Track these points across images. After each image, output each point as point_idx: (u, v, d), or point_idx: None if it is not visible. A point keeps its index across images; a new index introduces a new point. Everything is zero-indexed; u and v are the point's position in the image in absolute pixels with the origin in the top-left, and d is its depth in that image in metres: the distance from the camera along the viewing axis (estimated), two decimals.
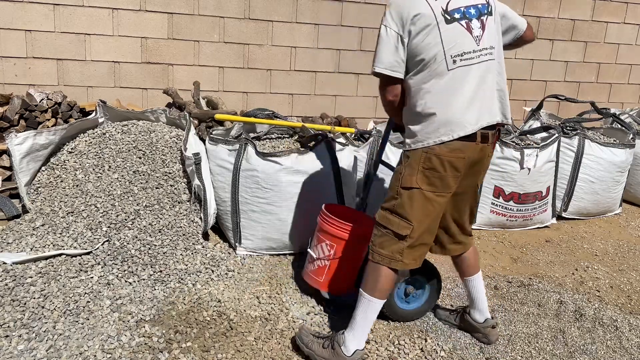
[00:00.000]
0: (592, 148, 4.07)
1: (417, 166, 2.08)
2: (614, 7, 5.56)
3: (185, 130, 3.32)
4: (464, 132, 2.04)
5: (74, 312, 2.42)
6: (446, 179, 2.08)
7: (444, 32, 2.03)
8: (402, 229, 2.11)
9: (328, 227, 2.57)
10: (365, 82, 4.93)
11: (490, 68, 2.11)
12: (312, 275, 2.66)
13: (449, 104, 2.04)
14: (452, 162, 2.06)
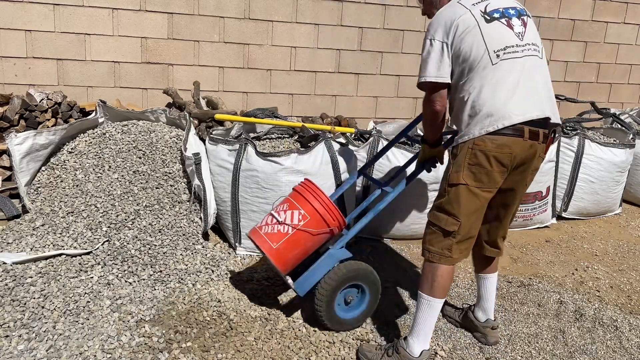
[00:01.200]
0: (592, 148, 4.07)
1: (463, 162, 2.10)
2: (614, 7, 5.56)
3: (185, 130, 3.32)
4: (510, 121, 2.03)
5: (74, 312, 2.42)
6: (492, 174, 2.09)
7: (484, 30, 2.08)
8: (449, 225, 2.15)
9: (310, 195, 2.47)
10: (365, 82, 4.93)
11: (537, 64, 2.12)
12: (265, 237, 2.48)
13: (493, 95, 2.05)
14: (498, 158, 2.06)
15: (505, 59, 2.07)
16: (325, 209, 2.46)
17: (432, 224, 2.21)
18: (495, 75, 2.06)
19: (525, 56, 2.09)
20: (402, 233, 3.54)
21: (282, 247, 2.44)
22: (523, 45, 2.10)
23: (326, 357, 2.34)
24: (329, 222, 2.46)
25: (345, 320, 2.49)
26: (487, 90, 2.06)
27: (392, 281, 3.03)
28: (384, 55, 4.92)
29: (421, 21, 4.95)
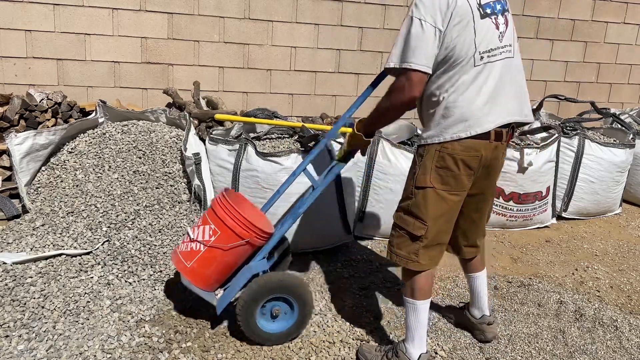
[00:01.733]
0: (592, 148, 4.07)
1: (431, 165, 2.04)
2: (614, 7, 5.56)
3: (185, 130, 3.32)
4: (482, 129, 1.99)
5: (74, 312, 2.42)
6: (460, 178, 2.04)
7: (477, 27, 1.97)
8: (416, 229, 2.09)
9: (222, 211, 2.31)
10: (365, 82, 4.93)
11: (509, 65, 2.06)
12: (180, 257, 2.36)
13: (471, 101, 1.98)
14: (466, 161, 2.02)
15: (487, 62, 1.99)
16: (233, 220, 2.28)
17: (399, 226, 2.15)
18: (475, 78, 1.98)
19: (502, 59, 2.02)
20: None
21: (195, 266, 2.31)
22: (502, 47, 2.03)
23: (326, 357, 2.34)
24: (241, 234, 2.29)
25: (272, 334, 2.34)
26: (465, 94, 1.98)
27: (392, 281, 3.03)
28: (384, 55, 4.92)
29: None
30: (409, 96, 1.93)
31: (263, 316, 2.33)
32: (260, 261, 2.34)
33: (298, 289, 2.32)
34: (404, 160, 3.39)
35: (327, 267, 3.13)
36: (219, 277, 2.39)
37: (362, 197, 3.45)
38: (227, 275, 2.40)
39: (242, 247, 2.32)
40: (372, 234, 3.55)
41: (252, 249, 2.36)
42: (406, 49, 1.92)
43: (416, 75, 1.91)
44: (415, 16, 1.91)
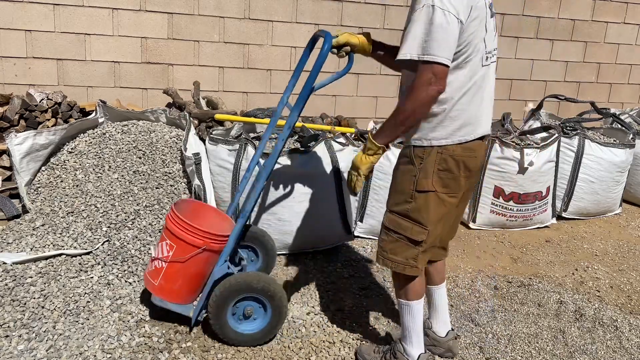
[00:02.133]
0: (592, 148, 4.07)
1: (432, 168, 1.96)
2: (614, 7, 5.56)
3: (185, 130, 3.32)
4: (482, 131, 2.00)
5: (74, 312, 2.42)
6: (459, 180, 2.00)
7: (488, 26, 1.92)
8: (417, 234, 2.01)
9: (170, 223, 2.28)
10: (365, 82, 4.93)
11: (492, 71, 2.05)
12: (148, 277, 2.36)
13: (479, 103, 1.96)
14: (466, 162, 1.98)
15: (486, 65, 1.95)
16: (183, 231, 2.24)
17: (394, 231, 2.05)
18: (482, 78, 1.94)
19: (494, 62, 2.02)
20: None
21: (163, 283, 2.30)
22: (493, 50, 2.00)
23: (326, 357, 2.34)
24: (194, 243, 2.24)
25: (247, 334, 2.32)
26: (476, 95, 1.94)
27: (392, 281, 3.03)
28: None
29: None
30: (437, 89, 1.82)
31: (235, 318, 2.31)
32: (222, 266, 2.29)
33: (267, 288, 2.27)
34: None
35: (327, 267, 3.13)
36: (191, 289, 2.37)
37: (362, 197, 3.45)
38: (200, 284, 2.38)
39: (202, 255, 2.28)
40: (372, 234, 3.55)
41: (217, 254, 2.31)
42: (429, 39, 1.78)
43: (440, 68, 1.80)
44: (438, 5, 1.77)
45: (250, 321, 2.34)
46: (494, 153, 3.70)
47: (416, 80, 1.82)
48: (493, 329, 2.65)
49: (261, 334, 2.34)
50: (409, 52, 1.82)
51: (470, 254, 3.48)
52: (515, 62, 5.40)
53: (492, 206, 3.80)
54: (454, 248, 3.54)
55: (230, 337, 2.31)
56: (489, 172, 3.73)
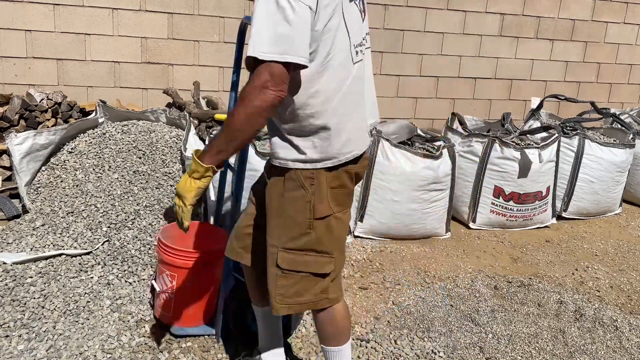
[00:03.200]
0: (592, 148, 4.07)
1: (326, 188, 1.64)
2: (614, 7, 5.56)
3: (185, 130, 3.33)
4: (370, 139, 1.76)
5: (74, 312, 2.42)
6: (352, 194, 1.75)
7: (346, 12, 1.56)
8: (323, 266, 1.69)
9: (164, 255, 2.27)
10: None
11: (368, 60, 1.76)
12: (160, 310, 2.36)
13: (357, 109, 1.65)
14: (359, 173, 1.73)
15: (360, 60, 1.64)
16: (176, 258, 2.24)
17: (295, 271, 1.68)
18: (357, 81, 1.62)
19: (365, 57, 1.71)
20: (402, 233, 3.54)
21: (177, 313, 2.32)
22: (365, 41, 1.70)
23: None
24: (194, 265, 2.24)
25: None
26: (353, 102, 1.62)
27: (393, 281, 3.03)
28: (384, 55, 4.92)
29: (421, 21, 4.95)
30: (276, 95, 1.43)
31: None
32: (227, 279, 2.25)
33: None
34: (404, 160, 3.39)
35: None
36: (205, 307, 2.38)
37: (362, 197, 3.45)
38: (213, 299, 2.38)
39: (205, 273, 2.29)
40: (372, 234, 3.55)
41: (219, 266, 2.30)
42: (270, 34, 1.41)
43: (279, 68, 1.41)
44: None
45: None
46: (494, 153, 3.70)
47: (248, 84, 1.45)
48: (493, 329, 2.65)
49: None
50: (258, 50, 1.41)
51: (470, 254, 3.49)
52: (515, 62, 5.40)
53: (492, 206, 3.80)
54: (454, 248, 3.54)
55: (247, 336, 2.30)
56: (489, 172, 3.73)
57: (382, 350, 2.41)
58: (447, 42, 5.10)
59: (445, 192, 3.55)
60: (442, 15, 5.00)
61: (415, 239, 3.60)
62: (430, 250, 3.48)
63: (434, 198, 3.49)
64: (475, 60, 5.26)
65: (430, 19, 4.97)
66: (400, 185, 3.39)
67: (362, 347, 2.42)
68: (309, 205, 1.63)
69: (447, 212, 3.63)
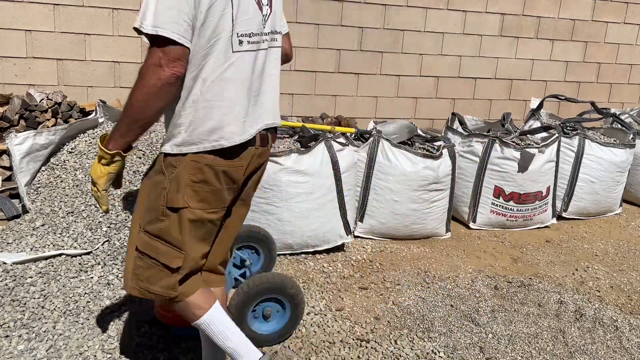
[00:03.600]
0: (592, 148, 4.07)
1: (185, 179, 1.59)
2: (614, 7, 5.56)
3: None
4: (247, 135, 1.64)
5: (74, 312, 2.42)
6: (221, 193, 1.66)
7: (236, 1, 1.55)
8: (172, 260, 1.65)
9: None
10: (365, 82, 4.93)
11: (271, 58, 1.72)
12: (160, 311, 2.30)
13: (233, 100, 1.60)
14: (229, 173, 1.64)
15: (248, 50, 1.59)
16: None
17: (146, 254, 1.65)
18: (237, 71, 1.58)
19: (265, 49, 1.67)
20: (402, 233, 3.54)
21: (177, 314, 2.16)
22: (266, 34, 1.66)
23: (326, 357, 2.33)
24: None
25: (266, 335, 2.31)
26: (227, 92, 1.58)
27: (393, 281, 3.03)
28: (384, 55, 4.92)
29: (421, 21, 4.96)
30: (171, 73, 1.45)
31: (255, 319, 2.31)
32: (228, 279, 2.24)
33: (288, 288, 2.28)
34: (404, 160, 3.39)
35: (327, 267, 3.13)
36: None
37: (362, 197, 3.45)
38: None
39: None
40: (372, 234, 3.55)
41: None
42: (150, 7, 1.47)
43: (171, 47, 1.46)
44: None
45: (267, 321, 2.34)
46: (494, 153, 3.70)
47: (144, 62, 1.47)
48: (493, 329, 2.65)
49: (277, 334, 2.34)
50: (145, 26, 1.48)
51: (470, 254, 3.48)
52: (515, 62, 5.40)
53: (492, 206, 3.80)
54: (454, 248, 3.54)
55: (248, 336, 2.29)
56: (489, 172, 3.73)
57: (382, 350, 2.40)
58: (447, 42, 5.10)
59: (446, 192, 3.55)
60: (442, 15, 5.00)
61: (415, 239, 3.60)
62: (430, 250, 3.48)
63: (434, 198, 3.49)
64: (475, 60, 5.26)
65: (430, 19, 4.97)
66: (400, 185, 3.39)
67: (362, 347, 2.42)
68: (164, 192, 1.61)
69: (447, 212, 3.63)
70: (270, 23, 1.69)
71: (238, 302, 2.22)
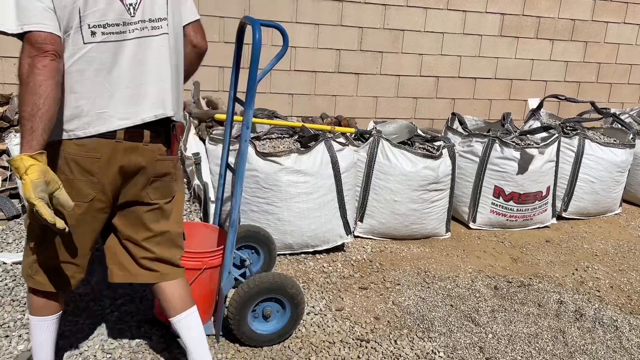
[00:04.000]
0: (592, 148, 4.07)
1: None
2: (614, 7, 5.56)
3: (185, 130, 3.32)
4: (106, 127, 1.62)
5: (74, 312, 2.42)
6: (75, 184, 1.63)
7: None
8: (32, 239, 1.70)
9: None
10: (365, 82, 4.93)
11: (153, 47, 1.67)
12: (160, 310, 2.30)
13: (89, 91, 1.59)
14: (80, 163, 1.62)
15: (104, 42, 1.58)
16: None
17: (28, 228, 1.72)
18: (88, 61, 1.57)
19: (137, 38, 1.63)
20: (402, 233, 3.55)
21: None
22: (135, 23, 1.62)
23: (326, 357, 2.33)
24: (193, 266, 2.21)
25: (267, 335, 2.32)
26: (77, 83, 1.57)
27: (393, 281, 3.03)
28: (384, 55, 4.92)
29: (421, 21, 4.96)
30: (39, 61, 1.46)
31: (255, 319, 2.31)
32: (227, 279, 2.25)
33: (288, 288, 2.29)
34: (404, 160, 3.40)
35: (327, 267, 3.13)
36: (205, 309, 2.36)
37: (362, 197, 3.45)
38: (212, 301, 2.38)
39: (204, 274, 2.27)
40: (372, 234, 3.55)
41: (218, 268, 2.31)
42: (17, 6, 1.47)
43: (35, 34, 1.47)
44: None
45: (267, 321, 2.34)
46: (494, 153, 3.70)
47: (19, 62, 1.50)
48: (493, 329, 2.65)
49: (277, 334, 2.34)
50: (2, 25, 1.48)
51: (470, 254, 3.49)
52: (515, 62, 5.40)
53: (492, 206, 3.80)
54: (454, 248, 3.54)
55: (250, 337, 2.29)
56: (489, 172, 3.73)
57: (382, 350, 2.41)
58: (447, 42, 5.10)
59: (445, 192, 3.56)
60: (442, 15, 5.01)
61: (415, 239, 3.60)
62: (430, 250, 3.49)
63: (434, 198, 3.49)
64: (475, 60, 5.26)
65: (430, 19, 4.97)
66: (400, 185, 3.40)
67: (362, 347, 2.42)
68: None
69: (447, 212, 3.63)
70: (142, 11, 1.64)
71: (238, 302, 2.22)
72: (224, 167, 2.51)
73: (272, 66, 2.23)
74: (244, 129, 2.12)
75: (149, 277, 1.87)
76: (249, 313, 2.26)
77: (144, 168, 1.73)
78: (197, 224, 2.64)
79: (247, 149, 2.21)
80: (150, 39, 1.66)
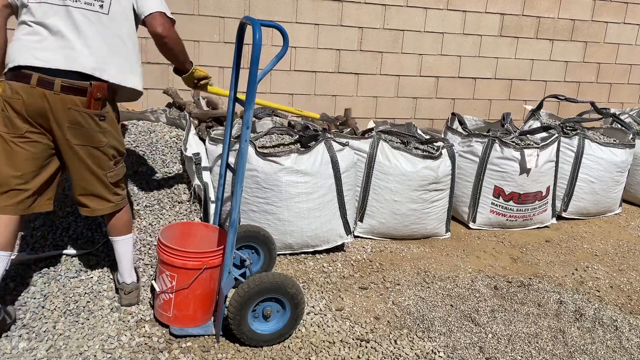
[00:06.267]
0: (592, 148, 4.07)
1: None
2: (614, 7, 5.57)
3: (185, 130, 3.32)
4: (14, 63, 2.07)
5: (74, 312, 2.43)
6: (13, 120, 2.09)
7: None
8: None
9: (164, 255, 2.31)
10: (365, 82, 4.93)
11: (93, 19, 2.09)
12: (160, 311, 2.39)
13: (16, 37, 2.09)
14: (10, 102, 2.08)
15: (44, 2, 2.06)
16: (175, 258, 2.27)
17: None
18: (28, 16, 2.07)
19: (77, 8, 2.07)
20: (402, 233, 3.55)
21: (176, 312, 2.34)
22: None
23: (326, 357, 2.34)
24: (194, 266, 2.27)
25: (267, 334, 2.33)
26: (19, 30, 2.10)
27: (393, 281, 3.03)
28: (384, 55, 4.92)
29: (421, 21, 4.96)
30: None
31: (255, 319, 2.31)
32: (228, 279, 2.27)
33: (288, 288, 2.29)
34: (404, 161, 3.40)
35: (327, 267, 3.13)
36: (205, 309, 2.39)
37: (362, 197, 3.45)
38: (212, 301, 2.40)
39: (204, 274, 2.30)
40: (372, 234, 3.55)
41: (218, 267, 2.33)
42: None
43: None
44: None
45: (267, 321, 2.34)
46: (494, 153, 3.70)
47: None
48: (493, 329, 2.65)
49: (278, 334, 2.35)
50: None
51: (470, 254, 3.49)
52: (515, 62, 5.40)
53: (492, 206, 3.81)
54: (454, 248, 3.55)
55: (250, 337, 2.29)
56: (489, 172, 3.74)
57: (382, 350, 2.41)
58: (447, 42, 5.10)
59: (445, 192, 3.56)
60: (442, 16, 5.01)
61: (415, 239, 3.60)
62: (430, 250, 3.49)
63: (434, 198, 3.50)
64: (475, 60, 5.26)
65: (430, 19, 4.98)
66: (400, 185, 3.40)
67: (362, 347, 2.42)
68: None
69: (447, 212, 3.64)
70: None
71: (238, 302, 2.23)
72: (224, 167, 2.52)
73: (272, 66, 2.23)
74: (244, 129, 2.13)
75: (86, 211, 2.33)
76: (249, 313, 2.26)
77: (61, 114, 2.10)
78: (197, 224, 2.65)
79: (247, 149, 2.21)
80: (89, 13, 2.09)
